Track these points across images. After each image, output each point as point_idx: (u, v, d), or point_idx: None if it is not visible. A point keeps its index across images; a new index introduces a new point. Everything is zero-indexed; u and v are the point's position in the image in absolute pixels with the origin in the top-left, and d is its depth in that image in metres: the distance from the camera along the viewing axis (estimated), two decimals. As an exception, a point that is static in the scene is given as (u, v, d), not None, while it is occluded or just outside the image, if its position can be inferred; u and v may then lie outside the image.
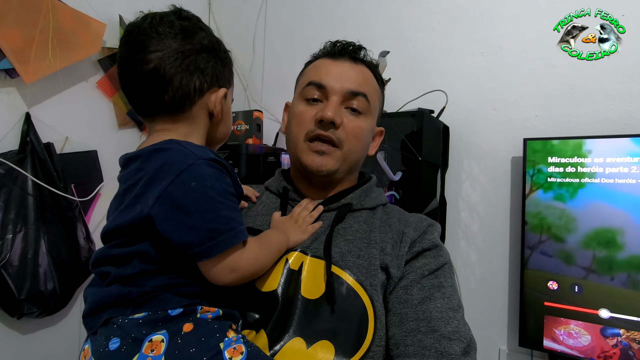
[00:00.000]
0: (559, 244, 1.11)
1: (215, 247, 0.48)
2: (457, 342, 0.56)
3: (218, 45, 0.58)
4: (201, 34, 0.56)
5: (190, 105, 0.55)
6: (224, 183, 0.51)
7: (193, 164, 0.49)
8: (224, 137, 0.64)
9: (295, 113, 0.68)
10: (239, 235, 0.50)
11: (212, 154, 0.53)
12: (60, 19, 1.19)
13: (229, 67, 0.61)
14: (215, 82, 0.57)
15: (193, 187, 0.48)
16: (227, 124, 0.63)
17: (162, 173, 0.48)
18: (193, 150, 0.50)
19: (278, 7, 1.74)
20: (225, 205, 0.50)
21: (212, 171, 0.50)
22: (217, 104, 0.57)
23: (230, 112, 0.64)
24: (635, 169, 1.04)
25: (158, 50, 0.52)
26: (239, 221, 0.51)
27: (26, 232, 1.12)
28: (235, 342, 0.50)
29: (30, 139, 1.16)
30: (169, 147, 0.51)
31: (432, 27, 1.42)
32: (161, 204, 0.47)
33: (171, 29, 0.54)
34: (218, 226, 0.48)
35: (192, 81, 0.54)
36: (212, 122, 0.59)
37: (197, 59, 0.55)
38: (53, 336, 1.25)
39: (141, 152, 0.52)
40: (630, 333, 1.02)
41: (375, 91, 0.71)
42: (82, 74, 1.32)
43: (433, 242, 0.66)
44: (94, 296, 0.51)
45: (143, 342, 0.46)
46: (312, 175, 0.67)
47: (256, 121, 1.46)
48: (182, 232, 0.47)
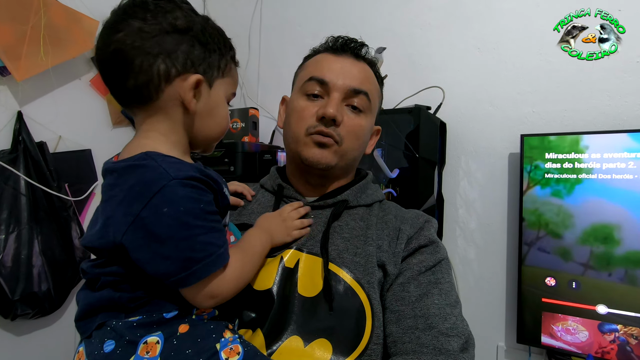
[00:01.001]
0: (556, 240, 1.11)
1: (192, 277, 0.45)
2: (455, 338, 0.56)
3: (200, 27, 0.50)
4: (176, 13, 0.49)
5: (156, 93, 0.49)
6: (201, 203, 0.46)
7: (165, 186, 0.44)
8: (214, 136, 0.56)
9: (296, 108, 0.67)
10: (217, 261, 0.47)
11: (190, 170, 0.47)
12: (52, 16, 1.17)
13: (219, 55, 0.53)
14: (190, 68, 0.49)
15: (165, 213, 0.44)
16: (217, 120, 0.54)
17: (134, 195, 0.45)
18: (167, 168, 0.45)
19: (274, 4, 1.73)
20: (203, 228, 0.46)
21: (187, 192, 0.45)
22: (187, 93, 0.49)
23: (220, 106, 0.54)
24: (633, 165, 1.04)
25: (120, 30, 0.47)
26: (219, 244, 0.47)
27: (19, 233, 1.11)
28: (232, 342, 0.49)
29: (23, 137, 1.14)
30: (143, 165, 0.46)
31: (429, 23, 1.41)
32: (134, 231, 0.44)
33: (142, 8, 0.48)
34: (194, 255, 0.45)
35: (156, 65, 0.48)
36: (192, 117, 0.52)
37: (163, 39, 0.48)
38: (48, 337, 1.24)
39: (117, 166, 0.48)
40: (627, 328, 1.02)
41: (376, 90, 0.71)
42: (75, 72, 1.31)
43: (430, 239, 0.66)
44: (86, 300, 0.50)
45: (138, 344, 0.46)
46: (310, 169, 0.67)
47: (252, 119, 1.45)
48: (157, 262, 0.45)
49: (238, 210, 0.71)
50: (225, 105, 0.56)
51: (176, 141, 0.52)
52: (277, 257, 0.62)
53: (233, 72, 0.56)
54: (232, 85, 0.56)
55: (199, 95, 0.51)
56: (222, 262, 0.48)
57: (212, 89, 0.52)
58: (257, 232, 0.60)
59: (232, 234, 0.61)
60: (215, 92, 0.53)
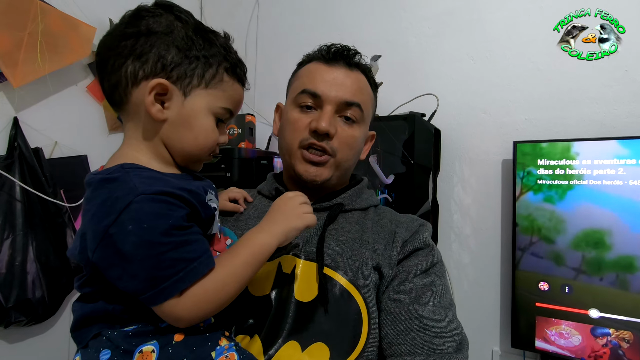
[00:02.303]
0: (549, 245, 1.13)
1: (160, 295, 0.43)
2: (449, 339, 0.57)
3: (183, 33, 0.48)
4: (158, 18, 0.48)
5: (125, 95, 0.48)
6: (170, 218, 0.44)
7: (132, 202, 0.43)
8: (192, 151, 0.51)
9: (289, 120, 0.68)
10: (186, 278, 0.44)
11: (162, 184, 0.45)
12: (49, 23, 1.18)
13: (204, 64, 0.49)
14: (160, 72, 0.47)
15: (130, 231, 0.42)
16: (195, 133, 0.50)
17: (104, 211, 0.44)
18: (137, 183, 0.44)
19: (270, 11, 1.75)
20: (170, 245, 0.44)
21: (154, 207, 0.43)
22: (147, 98, 0.47)
23: (199, 119, 0.50)
24: (622, 171, 1.06)
25: (108, 34, 0.49)
26: (190, 259, 0.45)
27: (14, 239, 1.10)
28: (228, 350, 0.49)
29: (18, 143, 1.14)
30: (115, 178, 0.45)
31: (423, 31, 1.44)
32: (103, 249, 0.44)
33: (135, 13, 0.48)
34: (160, 273, 0.43)
35: (125, 66, 0.47)
36: (163, 125, 0.49)
37: (136, 42, 0.47)
38: (42, 345, 1.22)
39: (93, 179, 0.47)
40: (619, 332, 1.04)
41: (370, 98, 0.71)
42: (71, 78, 1.31)
43: (424, 242, 0.67)
44: (81, 310, 0.49)
45: (134, 353, 0.45)
46: (306, 183, 0.67)
47: (249, 125, 1.46)
48: (126, 280, 0.44)
49: (235, 217, 0.72)
50: (208, 119, 0.51)
51: (155, 150, 0.50)
52: (275, 263, 0.63)
53: (226, 86, 0.51)
54: (221, 100, 0.51)
55: (169, 102, 0.48)
56: (192, 279, 0.45)
57: (188, 98, 0.49)
58: (254, 232, 0.54)
59: (229, 238, 0.61)
60: (193, 102, 0.49)
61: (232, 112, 0.54)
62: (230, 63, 0.52)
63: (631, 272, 1.03)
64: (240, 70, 0.54)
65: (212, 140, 0.52)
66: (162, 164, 0.51)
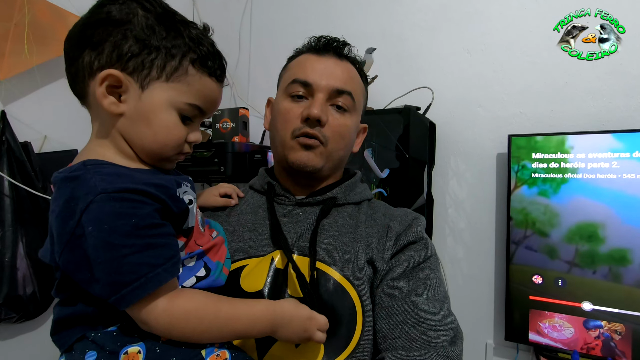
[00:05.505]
0: (543, 239, 1.13)
1: (122, 301, 0.42)
2: (444, 332, 0.56)
3: (143, 22, 0.45)
4: (120, 6, 0.45)
5: (83, 87, 0.46)
6: (134, 217, 0.41)
7: (92, 202, 0.41)
8: (152, 148, 0.48)
9: (281, 111, 0.67)
10: (147, 285, 0.41)
11: (125, 181, 0.43)
12: (36, 13, 1.15)
13: (165, 55, 0.45)
14: (115, 63, 0.44)
15: (90, 233, 0.40)
16: (154, 129, 0.47)
17: (67, 212, 0.42)
18: (97, 181, 0.42)
19: (264, 4, 1.72)
20: (133, 247, 0.41)
21: (116, 207, 0.41)
22: (98, 89, 0.44)
23: (159, 114, 0.46)
24: (616, 164, 1.06)
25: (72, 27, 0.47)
26: (155, 263, 0.42)
27: (3, 235, 1.08)
28: (219, 347, 0.48)
29: (6, 137, 1.12)
30: (77, 177, 0.43)
31: (418, 24, 1.42)
32: (68, 252, 0.42)
33: (96, 4, 0.46)
34: (120, 278, 0.41)
35: (82, 56, 0.45)
36: (119, 119, 0.46)
37: (93, 31, 0.45)
38: (33, 341, 1.21)
39: (56, 178, 0.45)
40: (611, 325, 1.05)
41: (360, 89, 0.71)
42: (60, 70, 1.26)
43: (418, 235, 0.67)
44: (60, 313, 0.48)
45: (119, 354, 0.44)
46: (297, 172, 0.67)
47: (242, 119, 1.44)
48: (91, 283, 0.42)
49: (227, 211, 0.71)
50: (169, 114, 0.47)
51: (117, 145, 0.48)
52: (268, 259, 0.62)
53: (192, 79, 0.47)
54: (186, 95, 0.47)
55: (125, 94, 0.45)
56: (154, 286, 0.42)
57: (146, 91, 0.46)
58: (263, 307, 0.49)
59: (214, 230, 0.59)
60: (151, 96, 0.46)
61: (202, 109, 0.49)
62: (198, 55, 0.47)
63: (624, 265, 1.04)
64: (213, 63, 0.49)
65: (175, 138, 0.48)
66: (128, 160, 0.48)
